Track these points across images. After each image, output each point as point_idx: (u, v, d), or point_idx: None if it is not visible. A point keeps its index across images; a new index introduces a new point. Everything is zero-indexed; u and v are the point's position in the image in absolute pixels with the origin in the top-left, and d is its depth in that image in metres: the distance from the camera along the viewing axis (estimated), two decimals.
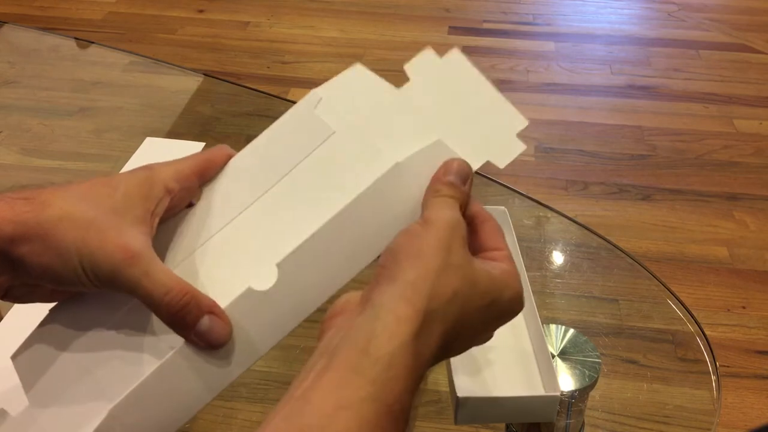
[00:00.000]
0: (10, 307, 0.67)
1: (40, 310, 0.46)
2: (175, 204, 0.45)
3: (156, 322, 0.41)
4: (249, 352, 0.41)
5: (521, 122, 0.45)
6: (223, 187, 0.46)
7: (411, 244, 0.38)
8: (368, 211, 0.41)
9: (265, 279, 0.41)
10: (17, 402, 0.43)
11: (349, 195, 0.41)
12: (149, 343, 0.41)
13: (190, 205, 0.46)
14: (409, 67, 0.46)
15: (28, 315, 0.53)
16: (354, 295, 0.39)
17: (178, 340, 0.40)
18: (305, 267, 0.41)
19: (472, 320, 0.38)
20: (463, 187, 0.41)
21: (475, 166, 0.43)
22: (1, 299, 0.43)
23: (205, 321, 0.40)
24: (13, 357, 0.43)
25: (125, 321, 0.42)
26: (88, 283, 0.40)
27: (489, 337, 0.43)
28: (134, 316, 0.42)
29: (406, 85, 0.46)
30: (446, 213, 0.39)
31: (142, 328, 0.42)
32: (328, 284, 0.41)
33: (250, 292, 0.40)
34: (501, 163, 0.44)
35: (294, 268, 0.41)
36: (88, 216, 0.40)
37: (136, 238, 0.41)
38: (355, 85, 0.47)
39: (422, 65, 0.46)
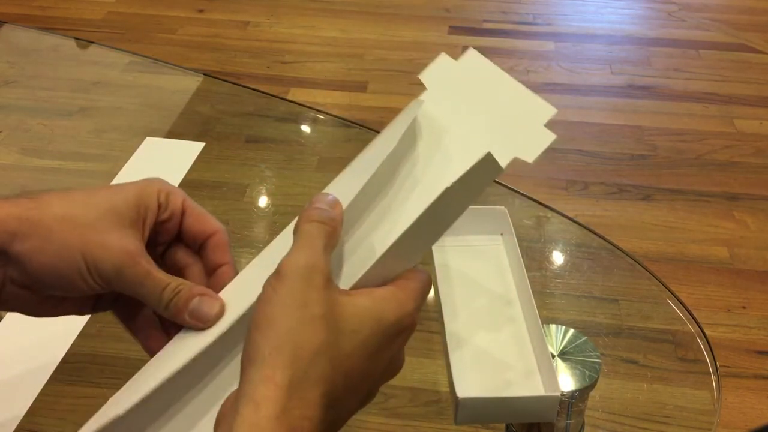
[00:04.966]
0: None
1: None
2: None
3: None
4: None
5: (548, 110, 0.42)
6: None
7: (262, 313, 0.35)
8: (419, 233, 0.40)
9: None
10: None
11: (400, 226, 0.39)
12: None
13: None
14: (424, 75, 0.45)
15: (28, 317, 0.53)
16: (235, 392, 0.36)
17: None
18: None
19: (352, 365, 0.36)
20: (331, 211, 0.39)
21: (504, 163, 0.40)
22: None
23: (195, 301, 0.41)
24: None
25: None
26: (90, 281, 0.41)
27: (393, 369, 0.40)
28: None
29: (423, 94, 0.45)
30: (301, 256, 0.37)
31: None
32: None
33: None
34: (530, 156, 0.41)
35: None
36: (88, 218, 0.41)
37: (134, 242, 0.42)
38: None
39: (438, 71, 0.45)
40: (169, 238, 0.46)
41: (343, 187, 0.42)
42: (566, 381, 0.53)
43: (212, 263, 0.45)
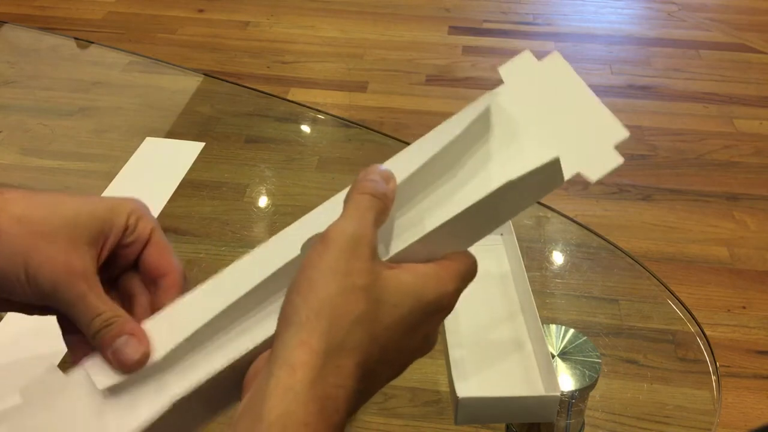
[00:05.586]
0: None
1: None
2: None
3: None
4: None
5: (620, 133, 0.41)
6: None
7: (304, 277, 0.35)
8: (468, 221, 0.40)
9: None
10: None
11: (453, 210, 0.40)
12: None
13: None
14: (503, 69, 0.44)
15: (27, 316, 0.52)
16: (268, 353, 0.36)
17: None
18: None
19: (389, 338, 0.36)
20: (384, 185, 0.39)
21: (567, 175, 0.40)
22: None
23: (121, 339, 0.39)
24: None
25: None
26: (28, 290, 0.40)
27: (427, 346, 0.40)
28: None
29: (499, 87, 0.44)
30: (350, 225, 0.36)
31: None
32: None
33: None
34: (594, 175, 0.40)
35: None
36: (45, 225, 0.40)
37: (83, 259, 0.40)
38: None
39: (518, 68, 0.45)
40: (126, 263, 0.44)
41: (402, 164, 0.42)
42: (566, 381, 0.53)
43: (160, 303, 0.43)
